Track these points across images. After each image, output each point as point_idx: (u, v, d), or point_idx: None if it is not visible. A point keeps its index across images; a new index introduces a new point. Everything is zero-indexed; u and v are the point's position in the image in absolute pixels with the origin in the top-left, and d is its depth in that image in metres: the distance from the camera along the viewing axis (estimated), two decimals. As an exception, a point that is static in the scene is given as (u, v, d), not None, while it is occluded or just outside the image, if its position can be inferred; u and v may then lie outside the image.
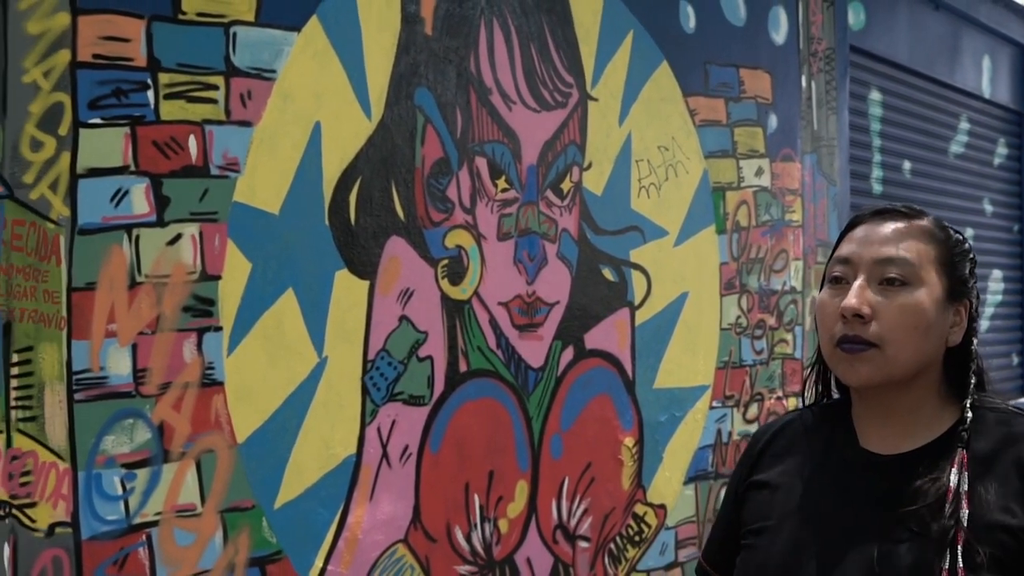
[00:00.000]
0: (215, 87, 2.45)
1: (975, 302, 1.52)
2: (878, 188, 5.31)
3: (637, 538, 3.60)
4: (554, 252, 3.28)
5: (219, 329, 2.45)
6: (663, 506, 3.70)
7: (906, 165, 5.63)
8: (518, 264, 3.15)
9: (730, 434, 4.01)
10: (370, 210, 2.77)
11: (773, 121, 4.24)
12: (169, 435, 2.36)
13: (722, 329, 3.98)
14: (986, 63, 6.38)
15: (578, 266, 3.36)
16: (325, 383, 2.66)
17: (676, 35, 3.78)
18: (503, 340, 3.12)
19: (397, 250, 2.83)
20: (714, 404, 3.94)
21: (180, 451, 2.38)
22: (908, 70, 5.55)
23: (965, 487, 1.39)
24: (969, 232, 5.98)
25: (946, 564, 1.35)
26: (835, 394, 1.63)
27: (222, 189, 2.46)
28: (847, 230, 1.55)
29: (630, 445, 3.56)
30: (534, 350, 3.22)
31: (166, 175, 2.36)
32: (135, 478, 2.30)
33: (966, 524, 1.36)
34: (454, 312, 2.98)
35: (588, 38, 3.41)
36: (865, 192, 5.11)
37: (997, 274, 6.58)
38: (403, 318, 2.85)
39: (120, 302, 2.28)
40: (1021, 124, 6.91)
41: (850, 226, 1.56)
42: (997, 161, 6.67)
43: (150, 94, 2.33)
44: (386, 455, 2.80)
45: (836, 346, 1.47)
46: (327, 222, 2.67)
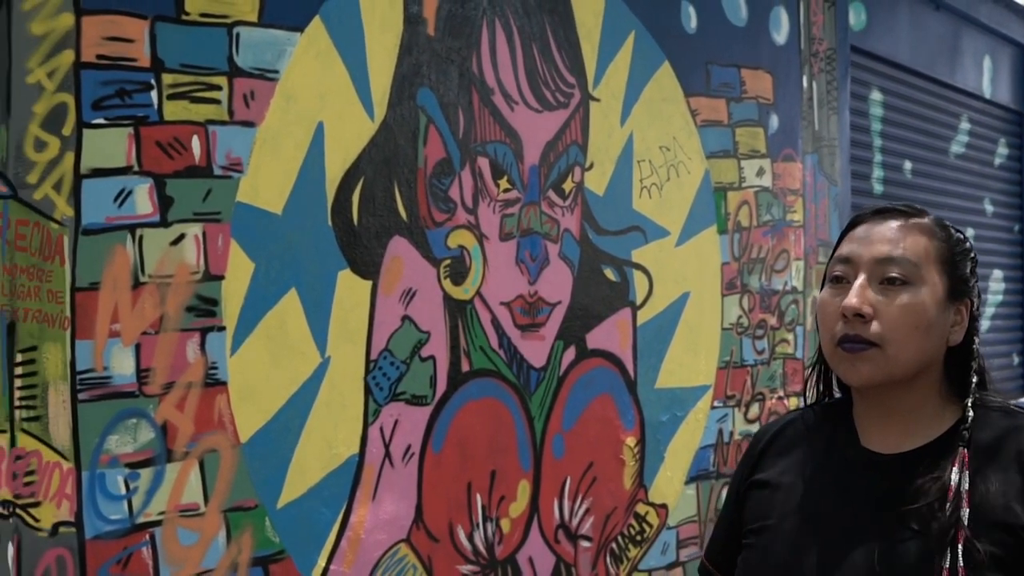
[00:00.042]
0: (218, 87, 2.45)
1: (976, 301, 1.52)
2: (879, 188, 5.31)
3: (639, 538, 3.60)
4: (556, 252, 3.28)
5: (222, 329, 2.45)
6: (664, 506, 3.71)
7: (907, 165, 5.63)
8: (520, 264, 3.16)
9: (731, 434, 4.02)
10: (373, 210, 2.77)
11: (774, 121, 4.25)
12: (172, 435, 2.36)
13: (723, 329, 3.98)
14: (987, 63, 6.38)
15: (580, 266, 3.37)
16: (328, 383, 2.66)
17: (677, 35, 3.78)
18: (505, 340, 3.12)
19: (400, 250, 2.83)
20: (715, 404, 3.95)
21: (183, 451, 2.38)
22: (909, 70, 5.55)
23: (966, 486, 1.39)
24: (970, 232, 5.98)
25: (947, 563, 1.35)
26: (836, 393, 1.63)
27: (225, 189, 2.46)
28: (848, 229, 1.55)
29: (632, 445, 3.57)
30: (536, 350, 3.23)
31: (169, 175, 2.36)
32: (139, 478, 2.30)
33: (967, 523, 1.36)
34: (456, 312, 2.98)
35: (590, 38, 3.42)
36: (866, 192, 5.11)
37: (998, 274, 6.58)
38: (406, 318, 2.85)
39: (124, 302, 2.28)
40: (1021, 124, 6.92)
41: (851, 225, 1.56)
42: (998, 161, 6.67)
43: (153, 94, 2.33)
44: (389, 455, 2.80)
45: (837, 345, 1.47)
46: (330, 222, 2.68)
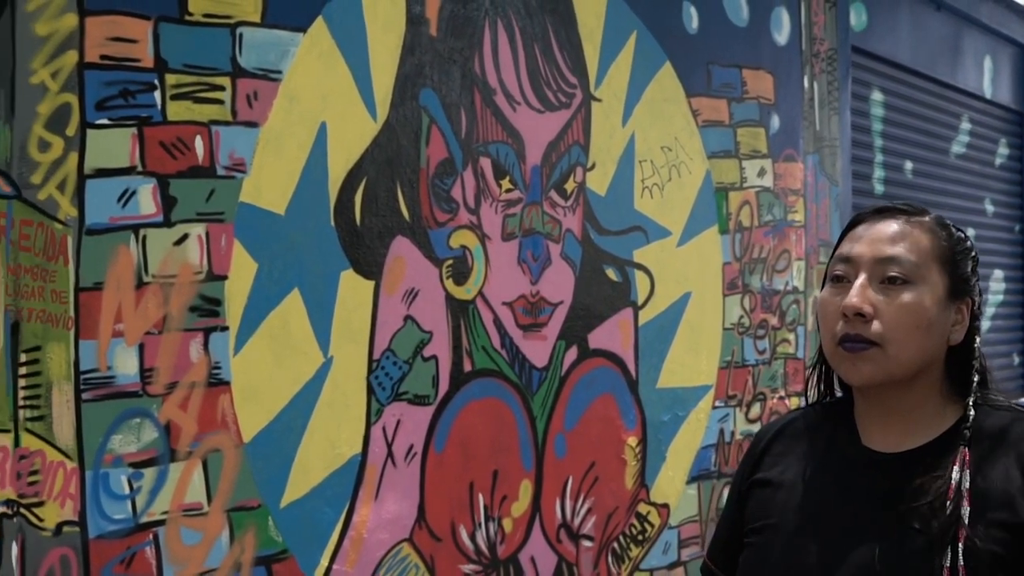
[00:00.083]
0: (221, 88, 2.45)
1: (977, 300, 1.52)
2: (880, 188, 5.32)
3: (640, 537, 3.61)
4: (558, 252, 3.28)
5: (225, 329, 2.46)
6: (666, 505, 3.71)
7: (908, 165, 5.63)
8: (522, 264, 3.16)
9: (732, 434, 4.02)
10: (375, 210, 2.77)
11: (775, 121, 4.25)
12: (176, 434, 2.36)
13: (725, 329, 3.99)
14: (987, 63, 6.38)
15: (582, 266, 3.37)
16: (331, 383, 2.67)
17: (679, 36, 3.79)
18: (507, 340, 3.12)
19: (402, 250, 2.84)
20: (717, 404, 3.95)
21: (187, 450, 2.39)
22: (910, 70, 5.56)
23: (967, 484, 1.39)
24: (970, 232, 5.98)
25: (947, 561, 1.35)
26: (838, 392, 1.62)
27: (228, 189, 2.47)
28: (848, 228, 1.55)
29: (633, 444, 3.57)
30: (538, 350, 3.23)
31: (173, 175, 2.36)
32: (142, 477, 2.31)
33: (967, 521, 1.36)
34: (459, 312, 2.99)
35: (592, 39, 3.42)
36: (867, 192, 5.11)
37: (998, 274, 6.59)
38: (408, 318, 2.85)
39: (127, 302, 2.29)
40: (1022, 124, 6.92)
41: (851, 225, 1.55)
42: (998, 161, 6.68)
43: (157, 95, 2.34)
44: (391, 454, 2.81)
45: (838, 345, 1.46)
46: (332, 222, 2.68)
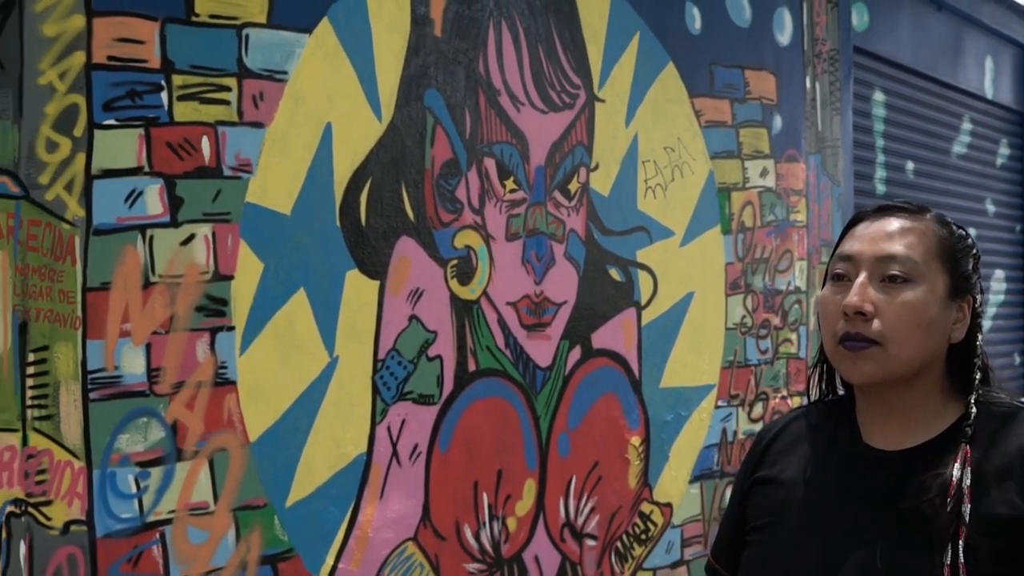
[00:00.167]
0: (228, 88, 2.46)
1: (979, 298, 1.52)
2: (881, 188, 5.33)
3: (643, 536, 3.62)
4: (562, 252, 3.29)
5: (232, 329, 2.46)
6: (669, 505, 3.72)
7: (909, 165, 5.64)
8: (526, 264, 3.17)
9: (735, 433, 4.03)
10: (380, 211, 2.78)
11: (778, 122, 4.26)
12: (182, 434, 2.37)
13: (727, 329, 3.99)
14: (988, 64, 6.39)
15: (585, 266, 3.38)
16: (336, 382, 2.68)
17: (682, 36, 3.79)
18: (511, 340, 3.13)
19: (407, 250, 2.84)
20: (719, 403, 3.96)
21: (193, 450, 2.39)
22: (911, 71, 5.57)
23: (968, 482, 1.39)
24: (972, 232, 5.98)
25: (948, 559, 1.36)
26: (840, 391, 1.62)
27: (235, 190, 2.47)
28: (849, 227, 1.55)
29: (636, 444, 3.58)
30: (542, 350, 3.24)
31: (179, 176, 2.37)
32: (149, 476, 2.31)
33: (969, 518, 1.37)
34: (463, 312, 2.99)
35: (595, 39, 3.43)
36: (868, 192, 5.12)
37: (999, 274, 6.59)
38: (413, 318, 2.86)
39: (134, 302, 2.29)
40: (1023, 124, 6.93)
41: (852, 223, 1.55)
42: (999, 161, 6.68)
43: (164, 95, 2.34)
44: (396, 454, 2.82)
45: (838, 343, 1.47)
46: (338, 223, 2.69)
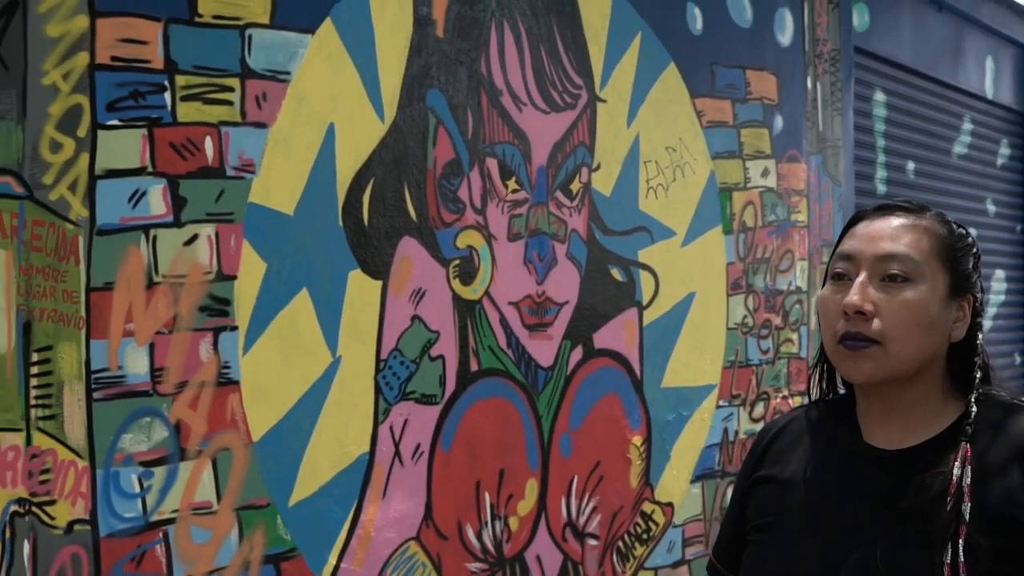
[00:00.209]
0: (231, 89, 2.46)
1: (979, 297, 1.52)
2: (882, 188, 5.33)
3: (645, 536, 3.62)
4: (563, 252, 3.29)
5: (235, 329, 2.47)
6: (670, 504, 3.72)
7: (910, 165, 5.65)
8: (528, 264, 3.17)
9: (736, 433, 4.03)
10: (383, 211, 2.79)
11: (779, 122, 4.26)
12: (186, 433, 2.38)
13: (729, 329, 4.00)
14: (989, 64, 6.39)
15: (587, 266, 3.38)
16: (339, 382, 2.68)
17: (683, 37, 3.80)
18: (513, 340, 3.13)
19: (409, 250, 2.85)
20: (721, 403, 3.96)
21: (196, 449, 2.40)
22: (912, 71, 5.57)
23: (968, 480, 1.39)
24: (972, 231, 5.99)
25: (948, 558, 1.36)
26: (840, 390, 1.63)
27: (238, 190, 2.48)
28: (849, 226, 1.55)
29: (638, 444, 3.58)
30: (544, 349, 3.24)
31: (183, 176, 2.37)
32: (152, 476, 2.32)
33: (969, 517, 1.37)
34: (465, 312, 3.00)
35: (597, 40, 3.43)
36: (869, 192, 5.12)
37: (1000, 274, 6.60)
38: (415, 318, 2.87)
39: (137, 302, 2.30)
40: (1023, 124, 6.93)
41: (852, 222, 1.55)
42: (1000, 161, 6.69)
43: (167, 96, 2.35)
44: (398, 454, 2.82)
45: (839, 343, 1.47)
46: (341, 223, 2.69)
